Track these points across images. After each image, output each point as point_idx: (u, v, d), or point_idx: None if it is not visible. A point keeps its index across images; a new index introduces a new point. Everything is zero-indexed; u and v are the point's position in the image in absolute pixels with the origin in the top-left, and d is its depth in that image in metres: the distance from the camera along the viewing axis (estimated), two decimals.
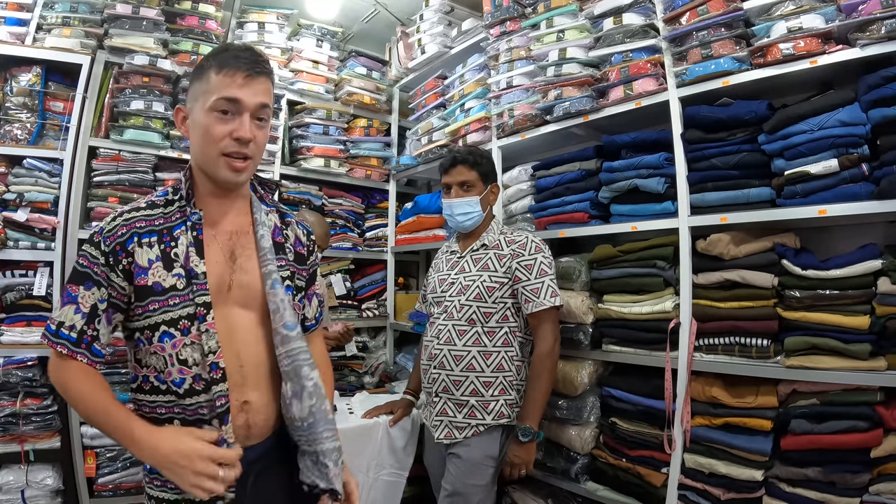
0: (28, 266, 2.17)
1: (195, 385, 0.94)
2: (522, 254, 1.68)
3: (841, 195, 1.39)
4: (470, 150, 1.82)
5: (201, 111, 0.95)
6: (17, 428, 2.03)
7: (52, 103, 2.31)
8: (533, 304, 1.63)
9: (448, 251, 1.88)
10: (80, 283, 0.93)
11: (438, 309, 1.76)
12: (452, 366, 1.66)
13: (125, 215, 0.96)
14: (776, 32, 1.50)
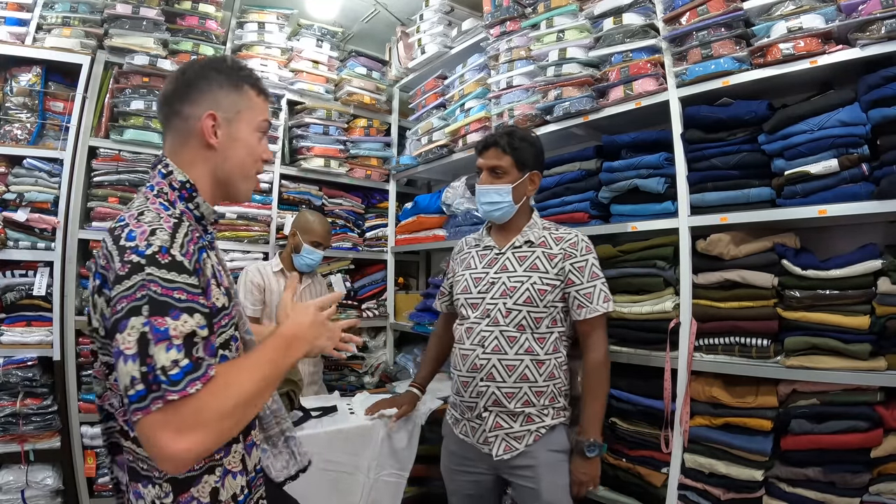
0: (28, 266, 2.17)
1: None
2: (574, 254, 1.52)
3: (841, 195, 1.39)
4: (508, 132, 1.57)
5: (249, 128, 0.96)
6: (17, 428, 2.03)
7: (52, 103, 2.32)
8: (586, 310, 1.50)
9: (480, 246, 1.66)
10: (165, 316, 0.72)
11: (475, 312, 1.55)
12: (504, 377, 1.48)
13: (181, 230, 0.82)
14: (776, 32, 1.50)
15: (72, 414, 2.16)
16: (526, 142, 1.57)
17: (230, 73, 0.95)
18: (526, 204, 1.61)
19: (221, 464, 0.87)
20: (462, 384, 1.55)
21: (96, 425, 2.16)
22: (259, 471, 0.98)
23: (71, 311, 2.20)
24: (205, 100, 0.92)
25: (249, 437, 0.94)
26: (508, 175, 1.55)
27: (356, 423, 1.82)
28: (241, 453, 0.91)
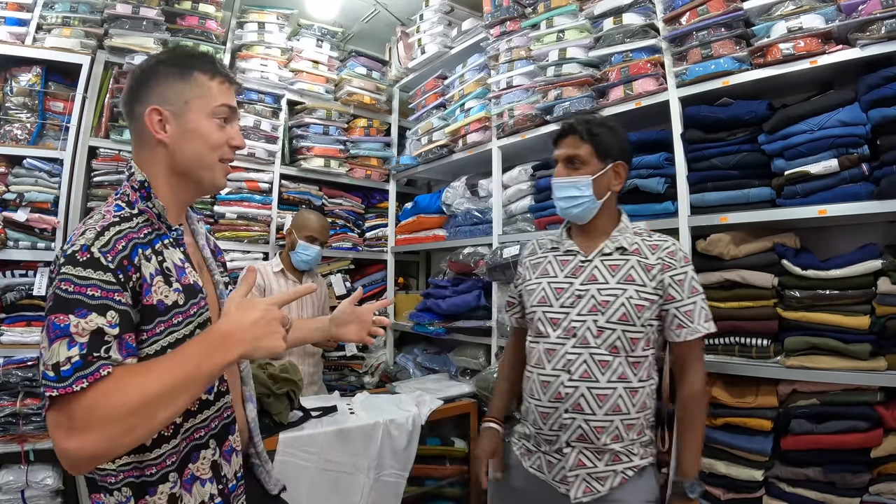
0: (28, 266, 2.17)
1: (190, 407, 0.86)
2: (673, 265, 1.30)
3: (841, 195, 1.40)
4: (587, 118, 1.40)
5: (200, 116, 0.91)
6: (17, 428, 2.03)
7: (52, 103, 2.31)
8: (686, 331, 1.28)
9: (560, 250, 1.42)
10: (67, 313, 0.71)
11: (557, 331, 1.32)
12: (594, 408, 1.25)
13: (113, 228, 0.81)
14: (776, 32, 1.50)
15: None
16: (607, 128, 1.36)
17: (177, 62, 0.92)
18: (611, 201, 1.39)
19: (175, 470, 0.83)
20: (541, 415, 1.32)
21: None
22: (241, 478, 0.95)
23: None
24: (151, 96, 0.90)
25: (227, 442, 0.92)
26: (588, 166, 1.34)
27: (356, 423, 1.82)
28: (213, 460, 0.88)
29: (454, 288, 2.51)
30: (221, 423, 0.92)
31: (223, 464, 0.91)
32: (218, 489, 0.89)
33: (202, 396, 0.88)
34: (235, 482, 0.94)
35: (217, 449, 0.90)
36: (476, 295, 2.36)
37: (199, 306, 0.90)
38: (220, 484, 0.89)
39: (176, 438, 0.84)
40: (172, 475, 0.83)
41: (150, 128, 0.90)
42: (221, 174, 0.96)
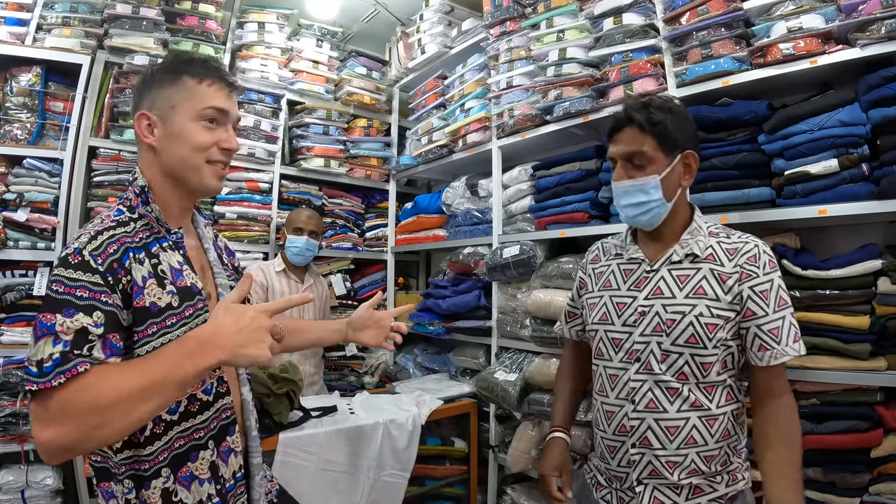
0: (28, 266, 2.17)
1: (190, 407, 0.89)
2: (755, 273, 1.08)
3: (841, 195, 1.39)
4: (644, 103, 1.14)
5: (185, 119, 0.93)
6: (17, 428, 2.03)
7: (52, 103, 2.31)
8: (771, 354, 1.05)
9: (623, 257, 1.24)
10: (55, 312, 0.74)
11: (619, 354, 1.16)
12: (665, 443, 1.09)
13: (107, 233, 0.84)
14: (776, 32, 1.50)
15: None
16: (670, 113, 1.12)
17: (169, 68, 0.95)
18: (682, 199, 1.17)
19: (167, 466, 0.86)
20: (607, 448, 1.17)
21: None
22: (240, 479, 0.96)
23: None
24: (143, 102, 0.94)
25: (225, 443, 0.93)
26: (653, 163, 1.12)
27: (356, 423, 1.82)
28: (211, 460, 0.90)
29: (454, 288, 2.51)
30: (220, 424, 0.93)
31: (220, 464, 0.92)
32: (216, 489, 0.90)
33: (201, 398, 0.90)
34: (234, 482, 0.94)
35: (215, 450, 0.91)
36: (476, 295, 2.36)
37: (196, 308, 0.91)
38: (217, 484, 0.91)
39: (167, 436, 0.86)
40: (165, 471, 0.86)
41: (139, 132, 0.94)
42: (210, 176, 0.96)
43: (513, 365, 2.10)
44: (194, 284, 0.93)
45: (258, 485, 1.00)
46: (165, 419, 0.86)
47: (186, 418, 0.88)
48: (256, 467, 1.00)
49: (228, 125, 0.98)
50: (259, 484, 1.00)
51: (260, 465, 1.02)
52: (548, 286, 2.01)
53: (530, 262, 2.07)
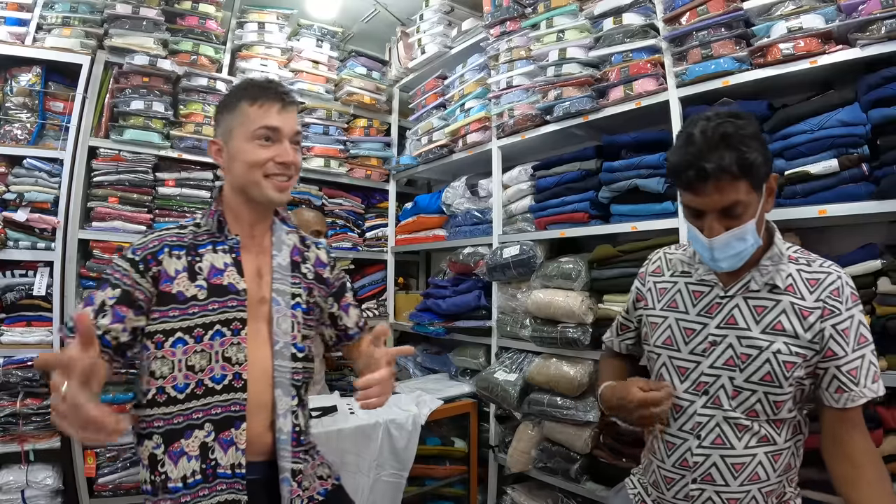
0: (28, 266, 2.17)
1: (196, 390, 0.99)
2: (838, 309, 0.99)
3: (841, 195, 1.39)
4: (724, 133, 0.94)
5: (242, 140, 1.05)
6: (17, 428, 2.03)
7: (52, 103, 2.31)
8: (848, 396, 0.98)
9: (693, 277, 1.13)
10: (99, 289, 0.99)
11: (685, 383, 1.08)
12: (728, 479, 1.02)
13: (158, 232, 1.07)
14: (776, 32, 1.50)
15: None
16: (752, 140, 0.95)
17: (230, 98, 1.09)
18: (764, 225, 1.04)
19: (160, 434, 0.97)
20: (664, 479, 1.10)
21: None
22: (240, 475, 0.99)
23: (71, 311, 2.20)
24: (215, 131, 1.12)
25: (226, 433, 0.99)
26: (749, 208, 0.97)
27: (356, 423, 1.82)
28: (203, 441, 0.98)
29: (454, 288, 2.51)
30: (225, 413, 1.00)
31: (216, 448, 0.98)
32: (201, 468, 0.97)
33: (208, 384, 0.99)
34: (232, 473, 0.99)
35: (213, 433, 0.98)
36: (476, 295, 2.36)
37: (224, 304, 1.03)
38: (204, 464, 0.97)
39: (168, 409, 0.98)
40: (157, 437, 0.98)
41: (212, 156, 1.11)
42: (271, 188, 1.06)
43: (513, 365, 2.10)
44: (232, 284, 1.05)
45: (283, 486, 1.03)
46: (171, 394, 0.98)
47: (190, 399, 0.98)
48: (282, 470, 1.04)
49: (284, 140, 1.06)
50: (283, 486, 1.03)
51: (286, 468, 1.04)
52: (548, 286, 2.02)
53: (530, 262, 2.07)
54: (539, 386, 1.96)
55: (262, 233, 1.14)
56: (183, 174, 2.52)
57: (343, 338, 1.29)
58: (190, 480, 0.96)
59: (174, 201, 2.51)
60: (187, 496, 0.96)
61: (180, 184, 2.52)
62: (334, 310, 1.25)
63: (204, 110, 2.55)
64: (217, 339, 1.01)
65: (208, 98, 2.57)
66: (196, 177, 2.55)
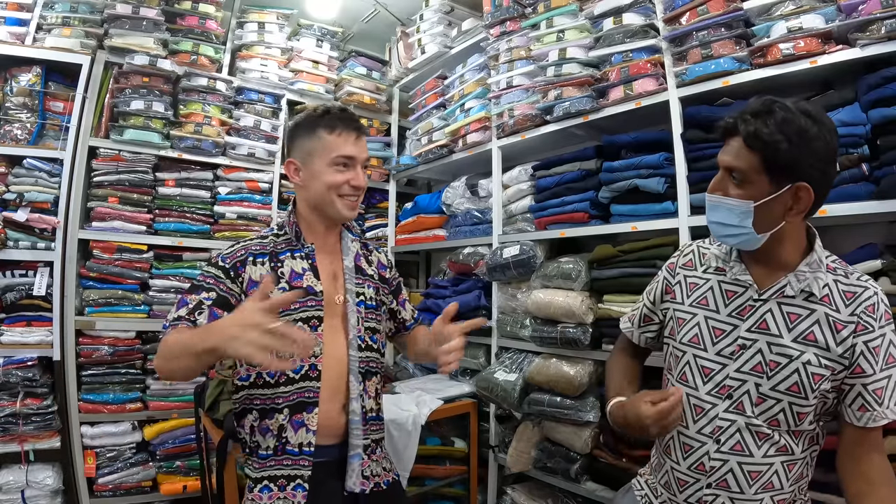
0: (28, 266, 2.17)
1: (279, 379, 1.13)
2: (871, 326, 0.96)
3: (841, 195, 1.39)
4: (766, 108, 0.94)
5: (322, 165, 1.18)
6: (17, 428, 2.03)
7: (52, 103, 2.32)
8: (870, 416, 0.96)
9: (727, 275, 1.08)
10: (192, 292, 1.10)
11: (708, 385, 1.05)
12: (744, 486, 1.00)
13: (243, 242, 1.20)
14: (776, 32, 1.50)
15: (72, 414, 2.16)
16: (796, 132, 0.91)
17: (309, 123, 1.21)
18: (794, 228, 1.00)
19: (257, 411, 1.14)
20: (677, 481, 1.07)
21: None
22: (307, 453, 1.11)
23: (71, 311, 2.20)
24: (291, 151, 1.24)
25: (299, 416, 1.12)
26: (751, 185, 0.96)
27: None
28: (280, 423, 1.12)
29: (454, 288, 2.51)
30: (299, 398, 1.13)
31: (289, 429, 1.12)
32: (274, 445, 1.12)
33: (289, 375, 1.13)
34: (300, 452, 1.12)
35: (288, 416, 1.12)
36: (476, 295, 2.36)
37: (304, 304, 1.15)
38: (278, 442, 1.12)
39: (257, 390, 1.14)
40: (255, 413, 1.15)
41: (288, 175, 1.24)
42: (344, 207, 1.20)
43: (513, 365, 2.10)
44: (311, 286, 1.17)
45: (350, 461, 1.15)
46: (266, 379, 1.13)
47: (276, 386, 1.13)
48: (353, 447, 1.16)
49: (357, 166, 1.20)
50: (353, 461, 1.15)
51: (357, 445, 1.16)
52: (548, 286, 2.02)
53: (530, 262, 2.07)
54: (539, 386, 1.96)
55: (333, 240, 1.28)
56: (183, 174, 2.52)
57: (401, 329, 1.44)
58: (263, 453, 1.12)
59: (174, 201, 2.51)
60: (259, 464, 1.13)
61: (180, 184, 2.52)
62: (394, 305, 1.40)
63: (204, 110, 2.55)
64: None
65: (208, 98, 2.58)
66: (196, 177, 2.56)
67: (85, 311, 2.29)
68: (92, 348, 2.25)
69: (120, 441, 2.28)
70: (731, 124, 0.98)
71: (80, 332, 2.23)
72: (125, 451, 2.29)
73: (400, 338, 1.46)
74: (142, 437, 2.32)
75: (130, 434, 2.30)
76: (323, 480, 1.13)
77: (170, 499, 2.33)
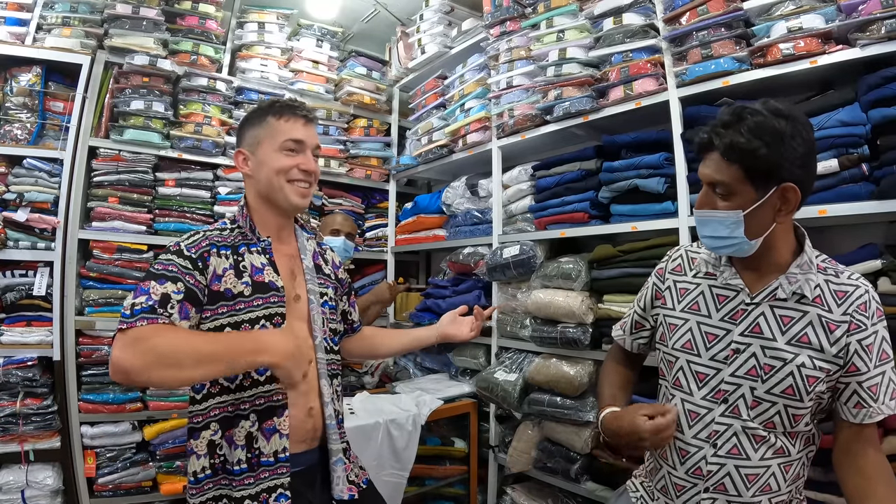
0: (28, 266, 2.17)
1: (244, 382, 1.07)
2: (864, 324, 0.97)
3: (841, 195, 1.39)
4: (735, 115, 0.95)
5: (269, 151, 1.15)
6: (17, 428, 2.03)
7: (52, 103, 2.32)
8: (866, 412, 0.97)
9: (718, 280, 1.07)
10: (152, 280, 0.98)
11: (703, 390, 1.05)
12: (741, 490, 1.00)
13: (204, 233, 1.12)
14: (776, 32, 1.50)
15: (72, 414, 2.16)
16: (769, 135, 0.91)
17: (257, 113, 1.19)
18: (784, 230, 1.00)
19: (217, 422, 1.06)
20: (674, 486, 1.07)
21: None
22: (283, 459, 1.06)
23: (71, 310, 2.20)
24: (240, 142, 1.21)
25: (269, 422, 1.06)
26: (738, 196, 0.96)
27: (356, 422, 1.82)
28: (249, 431, 1.05)
29: (454, 288, 2.51)
30: (267, 403, 1.07)
31: (260, 437, 1.05)
32: (246, 457, 1.04)
33: (254, 377, 1.07)
34: (275, 460, 1.05)
35: (256, 423, 1.06)
36: (476, 295, 2.36)
37: (268, 300, 1.10)
38: (249, 453, 1.05)
39: (219, 398, 1.06)
40: (214, 425, 1.06)
41: (237, 165, 1.20)
42: (294, 194, 1.16)
43: (513, 365, 2.10)
44: (272, 282, 1.12)
45: (334, 468, 1.13)
46: (224, 384, 1.06)
47: (238, 391, 1.06)
48: (333, 452, 1.14)
49: (307, 151, 1.18)
50: (336, 467, 1.13)
51: (337, 450, 1.14)
52: (548, 286, 2.02)
53: (530, 262, 2.07)
54: (539, 386, 1.96)
55: (288, 237, 1.24)
56: (183, 174, 2.52)
57: (349, 331, 1.43)
58: (236, 468, 1.04)
59: (174, 201, 2.51)
60: (235, 481, 1.04)
61: (180, 184, 2.52)
62: (346, 306, 1.39)
63: (204, 110, 2.55)
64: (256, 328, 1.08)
65: (208, 98, 2.58)
66: (196, 177, 2.56)
67: (85, 311, 2.29)
68: (92, 348, 2.25)
69: (120, 441, 2.28)
70: (706, 140, 0.98)
71: (80, 332, 2.23)
72: (125, 451, 2.29)
73: (347, 339, 1.43)
74: (142, 437, 2.31)
75: (130, 434, 2.30)
76: (301, 492, 1.08)
77: (170, 499, 2.33)
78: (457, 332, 1.45)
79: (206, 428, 1.06)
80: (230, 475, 1.04)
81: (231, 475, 1.04)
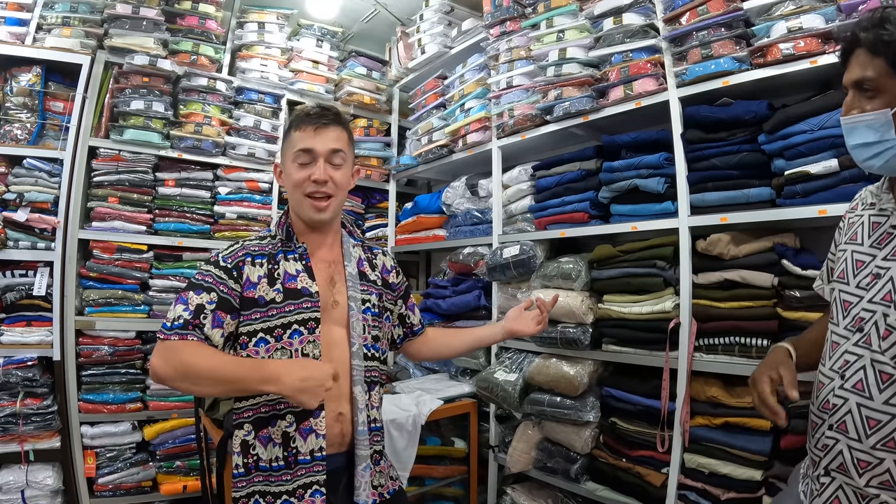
0: (28, 266, 2.17)
1: None
2: None
3: (841, 195, 1.39)
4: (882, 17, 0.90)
5: (288, 164, 1.16)
6: (17, 428, 2.03)
7: (52, 103, 2.32)
8: None
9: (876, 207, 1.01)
10: (191, 290, 1.07)
11: (846, 318, 0.98)
12: (860, 433, 0.90)
13: (242, 243, 1.16)
14: (776, 32, 1.50)
15: (72, 414, 2.16)
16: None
17: (287, 126, 1.22)
18: None
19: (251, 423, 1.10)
20: (811, 424, 1.03)
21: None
22: (319, 458, 1.08)
23: (71, 311, 2.20)
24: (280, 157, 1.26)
25: (306, 422, 1.08)
26: (884, 93, 0.89)
27: None
28: (285, 430, 1.08)
29: (454, 288, 2.51)
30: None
31: (297, 437, 1.08)
32: (283, 455, 1.08)
33: None
34: (311, 458, 1.08)
35: (294, 423, 1.08)
36: (476, 295, 2.36)
37: (300, 306, 1.11)
38: (286, 451, 1.08)
39: (253, 399, 1.09)
40: (247, 426, 1.10)
41: (277, 179, 1.28)
42: (308, 208, 1.15)
43: (513, 365, 2.10)
44: (305, 287, 1.13)
45: (360, 473, 1.13)
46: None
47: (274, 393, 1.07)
48: (360, 458, 1.13)
49: (319, 160, 1.14)
50: (361, 473, 1.13)
51: (364, 456, 1.13)
52: (548, 286, 2.02)
53: (530, 262, 2.07)
54: (539, 386, 1.96)
55: (331, 244, 1.24)
56: (183, 174, 2.52)
57: (409, 334, 1.45)
58: (274, 465, 1.08)
59: (174, 201, 2.51)
60: (272, 477, 1.08)
61: (180, 184, 2.52)
62: (402, 310, 1.42)
63: (204, 110, 2.55)
64: (296, 338, 1.10)
65: (208, 98, 2.58)
66: (196, 177, 2.56)
67: (85, 311, 2.29)
68: (92, 348, 2.25)
69: (120, 441, 2.28)
70: (851, 38, 0.92)
71: (80, 332, 2.23)
72: (125, 451, 2.29)
73: (408, 343, 1.45)
74: (142, 437, 2.32)
75: (130, 434, 2.30)
76: (330, 491, 1.11)
77: (170, 499, 2.33)
78: (523, 327, 1.42)
79: (239, 427, 1.11)
80: (264, 472, 1.08)
81: (268, 471, 1.08)
